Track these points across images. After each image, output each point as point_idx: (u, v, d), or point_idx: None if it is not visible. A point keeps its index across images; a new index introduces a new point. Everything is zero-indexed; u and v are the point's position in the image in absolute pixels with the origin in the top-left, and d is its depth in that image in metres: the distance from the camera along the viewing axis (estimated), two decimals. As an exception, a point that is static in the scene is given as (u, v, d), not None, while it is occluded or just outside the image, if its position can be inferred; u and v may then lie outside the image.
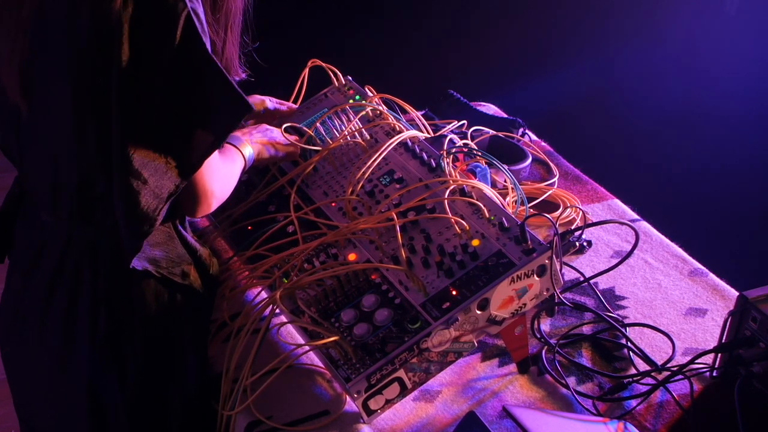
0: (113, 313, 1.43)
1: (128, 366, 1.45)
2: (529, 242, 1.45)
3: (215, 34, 1.48)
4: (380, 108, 1.81)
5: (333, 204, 1.67)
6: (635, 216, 1.94)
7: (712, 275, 1.76)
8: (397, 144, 1.70)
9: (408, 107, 1.91)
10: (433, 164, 1.65)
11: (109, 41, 1.25)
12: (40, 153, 1.41)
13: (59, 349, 1.46)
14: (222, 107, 1.34)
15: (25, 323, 1.51)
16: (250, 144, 1.65)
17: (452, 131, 1.89)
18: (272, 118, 1.88)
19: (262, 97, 1.88)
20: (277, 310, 1.52)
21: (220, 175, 1.46)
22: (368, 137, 1.76)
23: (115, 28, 1.24)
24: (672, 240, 1.86)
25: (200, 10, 1.31)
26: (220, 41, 1.49)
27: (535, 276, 1.45)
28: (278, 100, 1.91)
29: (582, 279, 1.68)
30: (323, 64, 1.91)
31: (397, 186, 1.64)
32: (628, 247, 1.69)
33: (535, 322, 1.58)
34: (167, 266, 1.46)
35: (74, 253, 1.42)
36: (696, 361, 1.46)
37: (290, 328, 1.55)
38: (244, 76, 1.63)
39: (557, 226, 1.70)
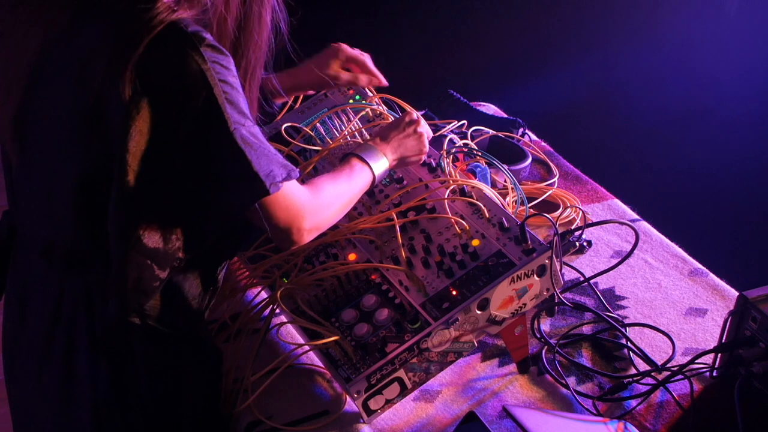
0: (115, 359, 1.34)
1: (134, 411, 1.36)
2: (529, 242, 1.45)
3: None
4: (380, 108, 1.81)
5: (333, 204, 1.66)
6: (635, 216, 1.94)
7: (712, 275, 1.76)
8: (397, 144, 1.70)
9: (408, 107, 1.91)
10: (433, 164, 1.65)
11: (114, 119, 1.17)
12: (33, 201, 1.34)
13: (58, 403, 1.39)
14: (236, 187, 1.25)
15: (25, 366, 1.44)
16: (387, 157, 1.54)
17: (452, 131, 1.89)
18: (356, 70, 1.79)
19: (338, 46, 1.77)
20: (277, 310, 1.52)
21: (319, 203, 1.36)
22: (368, 137, 1.76)
23: (124, 105, 1.16)
24: (672, 240, 1.86)
25: (230, 79, 1.21)
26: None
27: (535, 276, 1.45)
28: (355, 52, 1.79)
29: (582, 279, 1.68)
30: (323, 64, 1.91)
31: (397, 186, 1.64)
32: (628, 247, 1.68)
33: (535, 322, 1.58)
34: (155, 315, 1.34)
35: (69, 301, 1.34)
36: (696, 361, 1.46)
37: (290, 328, 1.55)
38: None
39: (557, 226, 1.70)
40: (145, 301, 1.30)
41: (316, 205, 1.36)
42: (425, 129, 1.61)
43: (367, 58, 1.80)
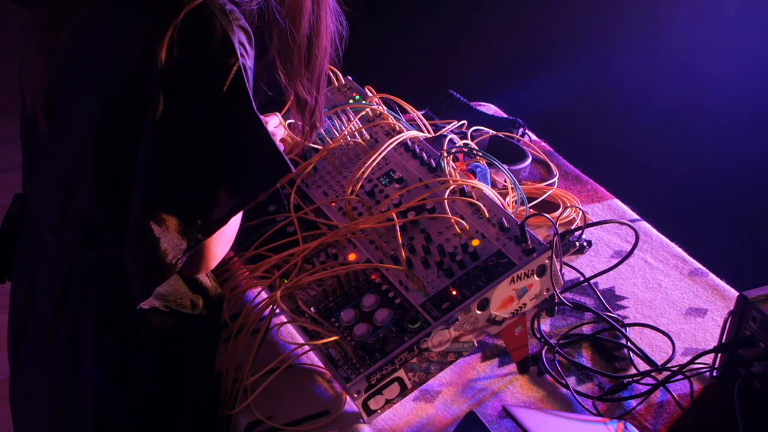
0: (120, 339, 1.35)
1: (136, 391, 1.38)
2: (529, 242, 1.45)
3: (308, 94, 1.48)
4: (380, 108, 1.81)
5: (333, 204, 1.67)
6: (635, 216, 1.94)
7: (712, 275, 1.76)
8: (397, 144, 1.70)
9: (408, 107, 1.91)
10: (433, 164, 1.65)
11: (149, 85, 1.20)
12: (52, 173, 1.36)
13: (62, 383, 1.40)
14: (260, 167, 1.28)
15: (32, 348, 1.46)
16: None
17: (452, 131, 1.89)
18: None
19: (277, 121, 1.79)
20: (277, 310, 1.52)
21: (229, 233, 1.36)
22: (368, 137, 1.76)
23: (159, 72, 1.19)
24: (672, 240, 1.86)
25: (250, 65, 1.26)
26: (312, 100, 1.50)
27: (535, 276, 1.45)
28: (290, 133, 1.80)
29: (582, 279, 1.68)
30: (323, 64, 1.91)
31: (397, 186, 1.64)
32: (628, 247, 1.69)
33: (535, 322, 1.58)
34: (175, 299, 1.36)
35: (78, 277, 1.35)
36: (696, 361, 1.46)
37: (290, 328, 1.55)
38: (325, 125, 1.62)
39: (557, 226, 1.70)
40: (162, 278, 1.29)
41: None
42: None
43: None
